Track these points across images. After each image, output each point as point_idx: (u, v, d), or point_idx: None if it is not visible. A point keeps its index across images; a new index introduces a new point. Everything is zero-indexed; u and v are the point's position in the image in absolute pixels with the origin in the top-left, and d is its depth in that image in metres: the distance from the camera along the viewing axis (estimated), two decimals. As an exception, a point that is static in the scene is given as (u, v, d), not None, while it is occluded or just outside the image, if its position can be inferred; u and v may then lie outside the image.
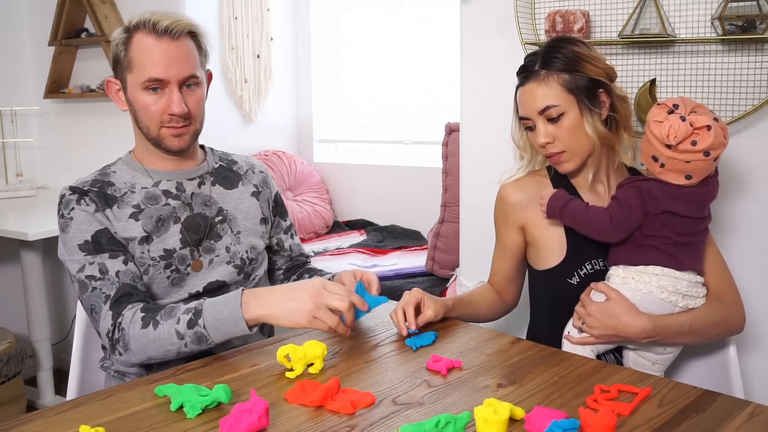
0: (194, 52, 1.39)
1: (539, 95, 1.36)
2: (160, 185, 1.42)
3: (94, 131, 3.28)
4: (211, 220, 1.45)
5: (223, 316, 1.21)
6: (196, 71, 1.38)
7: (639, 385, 1.07)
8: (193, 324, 1.22)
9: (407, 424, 0.94)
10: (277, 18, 3.44)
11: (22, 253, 2.80)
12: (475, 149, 1.97)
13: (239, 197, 1.51)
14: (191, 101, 1.38)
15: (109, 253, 1.33)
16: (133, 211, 1.38)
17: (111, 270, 1.31)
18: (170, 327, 1.23)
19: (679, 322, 1.29)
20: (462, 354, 1.22)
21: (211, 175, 1.49)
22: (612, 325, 1.28)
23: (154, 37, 1.33)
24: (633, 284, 1.30)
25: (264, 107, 3.41)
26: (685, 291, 1.30)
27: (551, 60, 1.36)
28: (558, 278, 1.43)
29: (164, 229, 1.39)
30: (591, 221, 1.34)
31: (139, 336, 1.24)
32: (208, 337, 1.22)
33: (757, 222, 1.57)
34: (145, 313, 1.26)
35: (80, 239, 1.33)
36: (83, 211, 1.35)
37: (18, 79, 3.40)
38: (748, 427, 0.95)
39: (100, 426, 0.95)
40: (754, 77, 1.51)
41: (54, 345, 3.09)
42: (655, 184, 1.29)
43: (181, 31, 1.35)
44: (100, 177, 1.42)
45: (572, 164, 1.40)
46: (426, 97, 3.18)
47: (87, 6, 3.00)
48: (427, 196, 2.96)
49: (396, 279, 2.51)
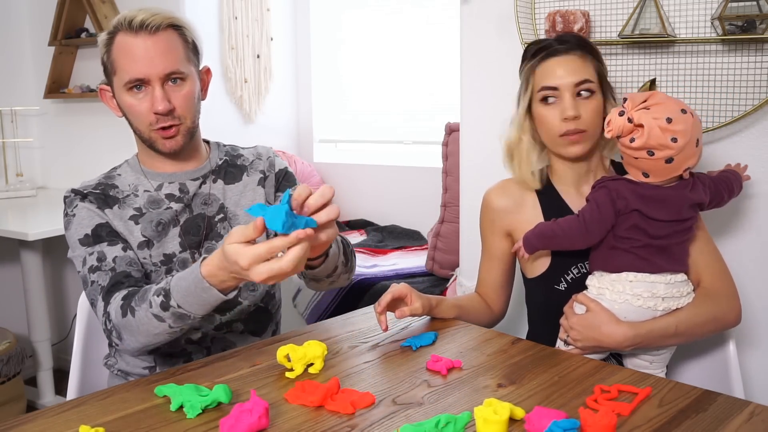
0: (177, 46, 1.32)
1: (578, 67, 1.35)
2: (163, 189, 1.40)
3: (94, 131, 3.28)
4: (211, 220, 1.41)
5: (191, 291, 1.14)
6: (178, 66, 1.31)
7: (639, 385, 1.07)
8: (166, 306, 1.16)
9: (407, 424, 0.93)
10: (277, 18, 3.44)
11: (22, 253, 2.80)
12: (475, 149, 1.97)
13: (242, 191, 1.45)
14: (177, 98, 1.32)
15: (108, 242, 1.32)
16: (133, 214, 1.37)
17: (109, 256, 1.30)
18: (146, 312, 1.18)
19: (662, 326, 1.27)
20: (462, 354, 1.22)
21: (213, 173, 1.45)
22: (594, 337, 1.27)
23: (131, 34, 1.28)
24: (608, 294, 1.29)
25: (264, 107, 3.41)
26: (663, 294, 1.27)
27: (585, 45, 1.38)
28: (547, 285, 1.43)
29: (164, 233, 1.37)
30: (562, 230, 1.33)
31: (124, 325, 1.22)
32: (188, 313, 1.16)
33: (757, 222, 1.57)
34: (124, 300, 1.22)
35: (81, 234, 1.33)
36: (85, 207, 1.35)
37: (18, 79, 3.40)
38: (748, 427, 0.95)
39: (100, 426, 0.95)
40: (754, 77, 1.51)
41: (54, 345, 3.09)
42: (623, 183, 1.29)
43: (158, 24, 1.29)
44: (104, 180, 1.40)
45: (584, 146, 1.37)
46: (426, 97, 3.18)
47: (87, 6, 3.00)
48: (427, 196, 2.96)
49: (396, 279, 2.52)
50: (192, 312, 1.16)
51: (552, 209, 1.44)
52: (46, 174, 3.55)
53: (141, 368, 1.39)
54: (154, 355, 1.39)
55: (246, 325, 1.44)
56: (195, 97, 1.36)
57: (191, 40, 1.36)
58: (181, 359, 1.39)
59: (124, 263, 1.30)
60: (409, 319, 1.42)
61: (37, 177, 3.51)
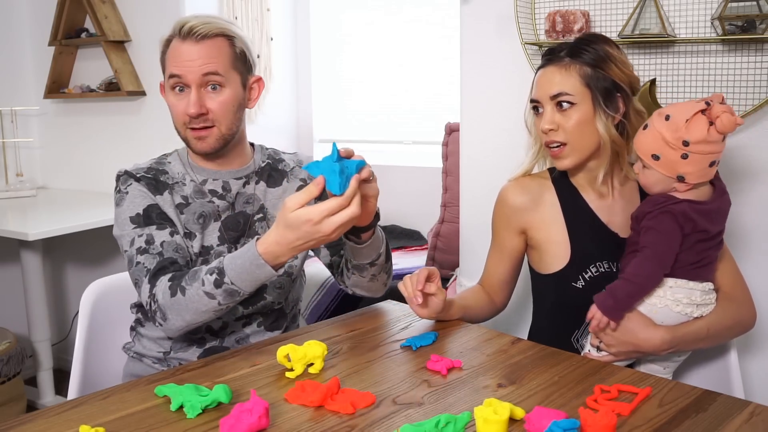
0: (222, 52, 1.37)
1: (556, 80, 1.35)
2: (207, 184, 1.44)
3: (94, 131, 3.28)
4: (251, 219, 1.46)
5: (246, 268, 1.23)
6: (217, 68, 1.36)
7: (639, 385, 1.07)
8: (219, 283, 1.24)
9: (407, 424, 0.94)
10: (277, 18, 3.44)
11: (22, 253, 2.80)
12: (475, 149, 1.97)
13: (281, 195, 1.49)
14: (213, 103, 1.37)
15: (157, 225, 1.37)
16: (180, 202, 1.41)
17: (157, 240, 1.36)
18: (197, 290, 1.26)
19: (696, 329, 1.28)
20: (462, 354, 1.22)
21: (256, 174, 1.49)
22: (630, 342, 1.26)
23: (180, 40, 1.36)
24: (647, 299, 1.27)
25: (264, 107, 3.41)
26: (699, 301, 1.27)
27: (580, 51, 1.35)
28: (563, 282, 1.41)
29: (205, 225, 1.42)
30: (643, 279, 1.25)
31: (171, 304, 1.28)
32: (239, 290, 1.25)
33: (757, 222, 1.57)
34: (172, 281, 1.29)
35: (132, 212, 1.38)
36: (138, 188, 1.40)
37: (18, 79, 3.39)
38: (748, 427, 0.95)
39: (100, 426, 0.95)
40: (754, 77, 1.52)
41: (54, 345, 3.09)
42: (686, 204, 1.24)
43: (205, 33, 1.35)
44: (155, 165, 1.45)
45: (571, 160, 1.37)
46: (426, 97, 3.18)
47: (87, 6, 3.00)
48: (427, 196, 2.96)
49: (396, 279, 2.51)
50: (243, 289, 1.25)
51: (572, 210, 1.43)
52: (46, 174, 3.55)
53: (156, 352, 1.45)
54: (171, 342, 1.44)
55: (265, 319, 1.47)
56: (234, 104, 1.40)
57: (240, 49, 1.40)
58: (195, 345, 1.43)
59: (171, 249, 1.36)
60: (409, 319, 1.42)
61: (37, 177, 3.51)
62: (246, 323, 1.46)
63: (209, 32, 1.35)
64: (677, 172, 1.22)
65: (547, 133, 1.36)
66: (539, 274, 1.47)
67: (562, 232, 1.41)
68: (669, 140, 1.20)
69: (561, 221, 1.42)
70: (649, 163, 1.24)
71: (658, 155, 1.22)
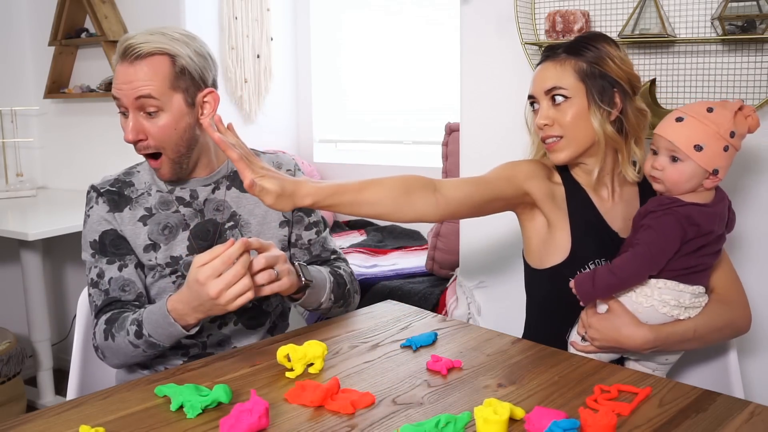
0: (158, 73, 1.28)
1: (550, 75, 1.35)
2: (175, 192, 1.42)
3: (94, 131, 3.28)
4: (221, 226, 1.42)
5: (159, 324, 1.25)
6: (151, 92, 1.27)
7: (639, 385, 1.07)
8: (139, 335, 1.27)
9: (407, 424, 0.94)
10: (277, 18, 3.44)
11: (22, 253, 2.80)
12: (475, 149, 1.97)
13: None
14: (153, 128, 1.30)
15: (107, 258, 1.38)
16: (143, 214, 1.39)
17: (106, 276, 1.37)
18: (123, 338, 1.29)
19: (682, 331, 1.27)
20: (462, 354, 1.22)
21: (227, 179, 1.45)
22: (613, 338, 1.27)
23: (120, 59, 1.30)
24: (634, 297, 1.27)
25: (264, 107, 3.41)
26: (688, 304, 1.26)
27: (577, 48, 1.35)
28: (559, 277, 1.40)
29: (172, 236, 1.39)
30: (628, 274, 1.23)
31: (106, 347, 1.32)
32: (158, 343, 1.27)
33: (757, 222, 1.57)
34: (107, 325, 1.32)
35: (91, 237, 1.39)
36: (97, 211, 1.39)
37: (18, 79, 3.39)
38: (748, 427, 0.95)
39: (100, 426, 0.95)
40: (754, 77, 1.52)
41: (54, 345, 3.09)
42: (692, 207, 1.22)
43: (140, 53, 1.27)
44: (122, 177, 1.44)
45: (566, 154, 1.36)
46: (426, 97, 3.18)
47: (87, 6, 3.00)
48: (427, 196, 2.95)
49: (396, 279, 2.51)
50: (161, 342, 1.27)
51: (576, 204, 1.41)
52: (46, 174, 3.55)
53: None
54: None
55: (241, 318, 1.44)
56: (175, 127, 1.32)
57: (182, 66, 1.31)
58: (179, 352, 1.41)
59: (117, 287, 1.37)
60: (409, 319, 1.42)
61: (37, 177, 3.51)
62: (221, 324, 1.42)
63: (145, 52, 1.27)
64: (714, 165, 1.20)
65: (542, 128, 1.36)
66: (535, 269, 1.46)
67: (564, 224, 1.40)
68: (719, 130, 1.19)
69: (565, 211, 1.41)
70: (689, 153, 1.20)
71: (701, 145, 1.20)
